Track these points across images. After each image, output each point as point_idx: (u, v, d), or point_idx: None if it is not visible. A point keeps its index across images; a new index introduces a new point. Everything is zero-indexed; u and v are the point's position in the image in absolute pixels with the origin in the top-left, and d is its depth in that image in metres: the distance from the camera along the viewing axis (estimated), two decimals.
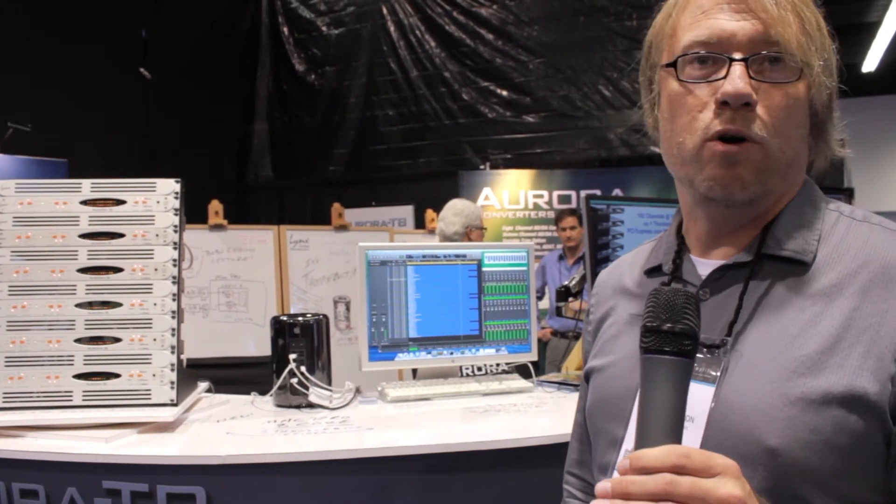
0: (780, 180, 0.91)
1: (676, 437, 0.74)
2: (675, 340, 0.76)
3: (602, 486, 0.72)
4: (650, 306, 0.79)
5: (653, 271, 1.05)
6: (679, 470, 0.69)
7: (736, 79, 0.87)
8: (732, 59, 0.88)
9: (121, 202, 2.03)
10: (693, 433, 0.88)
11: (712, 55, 0.89)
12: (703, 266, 0.97)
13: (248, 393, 2.31)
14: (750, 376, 0.86)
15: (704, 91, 0.90)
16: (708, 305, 0.94)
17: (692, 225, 1.01)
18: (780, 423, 0.82)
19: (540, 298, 5.67)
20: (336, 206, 4.99)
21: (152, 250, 2.01)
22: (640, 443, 0.74)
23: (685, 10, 0.94)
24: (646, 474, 0.70)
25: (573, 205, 6.97)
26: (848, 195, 5.68)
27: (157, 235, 2.02)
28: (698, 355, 0.89)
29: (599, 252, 2.42)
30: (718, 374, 0.88)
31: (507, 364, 2.60)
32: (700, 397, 0.88)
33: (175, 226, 2.03)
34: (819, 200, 0.96)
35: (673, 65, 0.93)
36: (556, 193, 7.34)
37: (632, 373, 0.93)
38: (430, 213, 5.60)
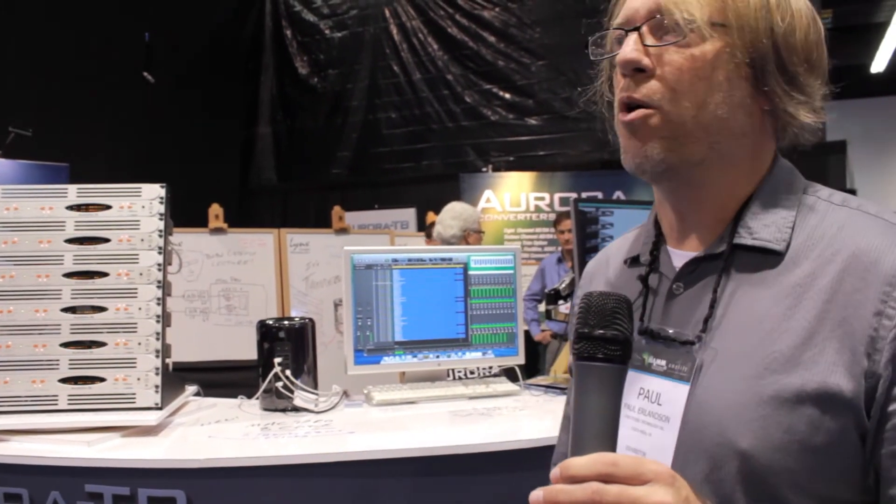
0: (703, 146, 0.88)
1: (609, 444, 0.73)
2: (604, 346, 0.75)
3: (534, 494, 0.72)
4: (581, 311, 0.78)
5: (633, 262, 1.03)
6: (606, 478, 0.69)
7: (625, 46, 0.89)
8: (628, 31, 0.90)
9: (106, 207, 2.05)
10: (668, 433, 0.87)
11: (622, 31, 0.91)
12: (678, 258, 0.95)
13: (246, 396, 2.32)
14: (723, 374, 0.84)
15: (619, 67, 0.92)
16: (682, 299, 0.92)
17: (662, 212, 0.99)
18: (753, 423, 0.80)
19: (540, 301, 5.66)
20: (336, 210, 5.01)
21: (137, 255, 2.02)
22: (574, 450, 0.73)
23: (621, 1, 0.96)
24: (575, 482, 0.70)
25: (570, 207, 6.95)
26: None
27: (142, 240, 2.03)
28: (673, 351, 0.89)
29: (588, 255, 2.42)
30: (693, 372, 0.86)
31: (499, 367, 2.61)
32: (675, 396, 0.87)
33: (160, 230, 2.05)
34: (795, 184, 0.92)
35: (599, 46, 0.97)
36: (557, 196, 7.33)
37: None
38: (431, 216, 5.61)
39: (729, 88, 0.86)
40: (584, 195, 6.81)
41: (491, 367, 2.66)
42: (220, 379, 3.49)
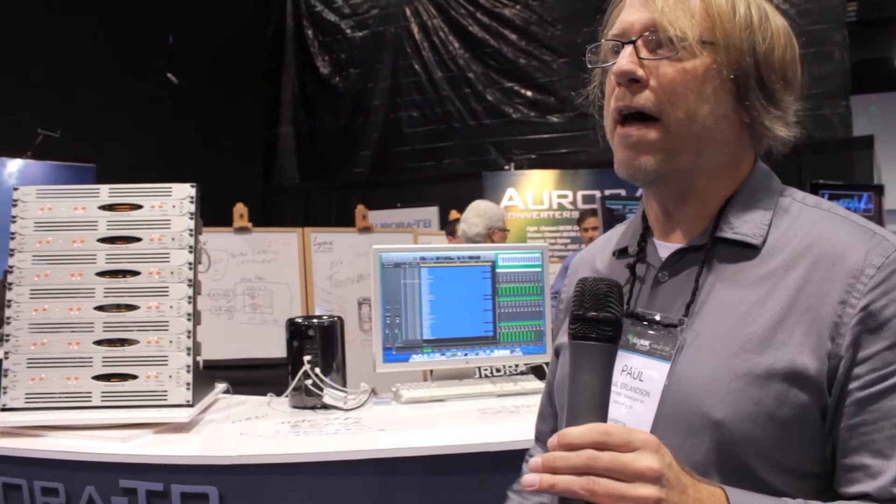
0: (691, 156, 0.96)
1: (601, 416, 0.80)
2: (598, 327, 0.82)
3: (534, 461, 0.78)
4: (576, 295, 0.85)
5: (621, 253, 1.12)
6: (600, 446, 0.76)
7: (621, 58, 0.96)
8: (624, 43, 0.97)
9: (138, 207, 2.07)
10: (648, 407, 0.96)
11: (617, 43, 0.99)
12: (664, 249, 1.04)
13: (274, 394, 2.33)
14: (701, 353, 0.93)
15: (614, 77, 0.99)
16: (666, 286, 1.02)
17: (649, 208, 1.08)
18: (726, 396, 0.89)
19: None
20: (360, 208, 5.02)
21: (168, 254, 2.04)
22: (569, 421, 0.80)
23: (617, 11, 1.04)
24: (571, 450, 0.76)
25: (596, 205, 6.94)
26: (878, 192, 5.60)
27: (172, 239, 2.05)
28: (657, 333, 0.99)
29: None
30: (674, 351, 0.95)
31: (525, 365, 2.60)
32: (656, 373, 0.96)
33: (191, 230, 2.06)
34: (773, 187, 1.01)
35: (593, 54, 1.05)
36: (580, 193, 7.32)
37: None
38: (454, 214, 5.61)
39: (715, 101, 0.95)
40: (607, 192, 6.79)
41: (517, 365, 2.65)
42: (246, 377, 3.52)
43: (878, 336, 0.86)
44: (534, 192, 7.40)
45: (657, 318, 0.99)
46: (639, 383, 0.97)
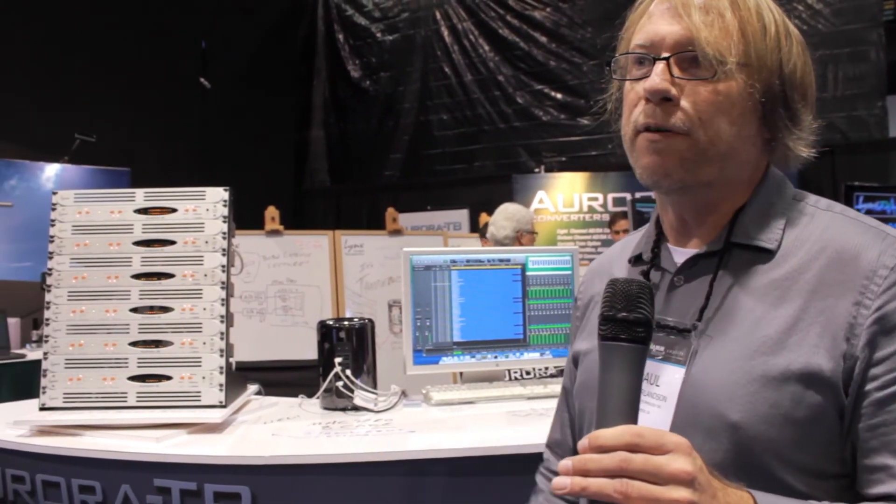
0: (714, 170, 0.96)
1: (632, 418, 0.79)
2: (629, 328, 0.82)
3: (564, 463, 0.77)
4: (607, 296, 0.85)
5: (636, 260, 1.12)
6: (633, 448, 0.75)
7: (654, 75, 0.95)
8: (656, 59, 0.95)
9: (172, 210, 2.10)
10: (665, 411, 0.96)
11: (644, 56, 0.97)
12: (679, 255, 1.04)
13: (306, 395, 2.35)
14: (717, 357, 0.93)
15: (640, 87, 0.97)
16: (681, 292, 1.02)
17: (664, 215, 1.08)
18: (743, 398, 0.89)
19: None
20: (390, 211, 5.04)
21: (202, 257, 2.07)
22: (599, 423, 0.79)
23: (639, 15, 1.02)
24: (603, 453, 0.75)
25: (627, 208, 6.90)
26: None
27: (206, 242, 2.08)
28: (671, 338, 0.99)
29: None
30: (689, 356, 0.95)
31: (554, 367, 2.60)
32: (672, 378, 0.97)
33: (224, 233, 2.09)
34: (787, 192, 1.02)
35: (615, 63, 1.03)
36: (610, 196, 7.28)
37: None
38: (484, 217, 5.62)
39: (743, 123, 0.95)
40: (637, 195, 6.75)
41: (547, 368, 2.66)
42: (278, 378, 3.55)
43: (894, 337, 0.86)
44: (564, 195, 7.38)
45: (671, 323, 0.99)
46: (656, 389, 0.98)
